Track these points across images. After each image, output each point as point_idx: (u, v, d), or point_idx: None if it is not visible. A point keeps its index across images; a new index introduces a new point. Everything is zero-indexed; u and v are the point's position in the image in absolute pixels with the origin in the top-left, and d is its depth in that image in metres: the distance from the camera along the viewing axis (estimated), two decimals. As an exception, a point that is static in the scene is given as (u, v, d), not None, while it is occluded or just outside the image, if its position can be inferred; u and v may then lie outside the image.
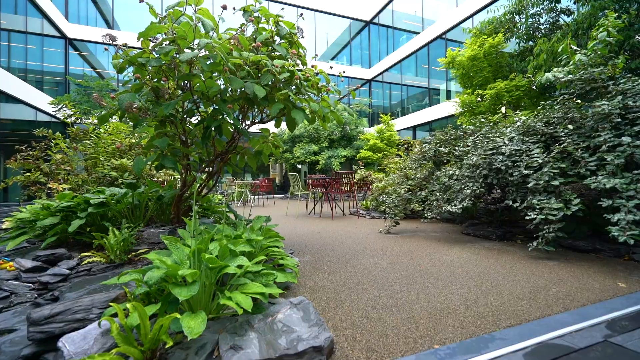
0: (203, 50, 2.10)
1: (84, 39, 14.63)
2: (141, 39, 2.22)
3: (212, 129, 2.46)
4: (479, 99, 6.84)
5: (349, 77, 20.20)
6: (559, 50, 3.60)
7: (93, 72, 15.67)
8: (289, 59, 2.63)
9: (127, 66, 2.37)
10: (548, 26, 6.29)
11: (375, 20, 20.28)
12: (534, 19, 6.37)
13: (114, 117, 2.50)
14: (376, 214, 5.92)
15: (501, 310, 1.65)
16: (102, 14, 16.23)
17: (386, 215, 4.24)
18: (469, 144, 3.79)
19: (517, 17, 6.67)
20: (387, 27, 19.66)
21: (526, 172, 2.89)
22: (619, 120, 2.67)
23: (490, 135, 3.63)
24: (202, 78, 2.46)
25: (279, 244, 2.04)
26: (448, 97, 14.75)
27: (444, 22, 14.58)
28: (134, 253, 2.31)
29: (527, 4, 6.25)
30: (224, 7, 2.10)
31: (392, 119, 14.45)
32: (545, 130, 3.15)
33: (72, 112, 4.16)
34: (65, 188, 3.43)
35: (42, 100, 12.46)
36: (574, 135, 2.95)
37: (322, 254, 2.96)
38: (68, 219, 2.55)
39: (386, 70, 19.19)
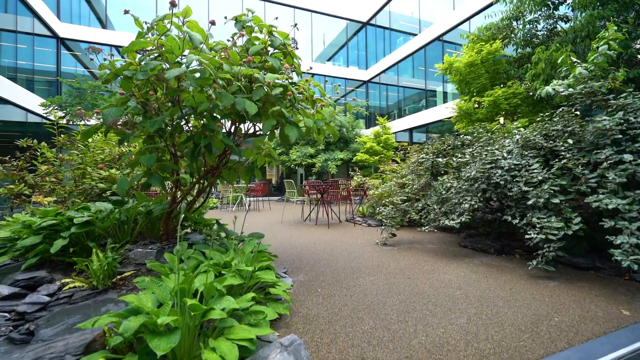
0: (194, 62, 2.00)
1: (76, 39, 14.35)
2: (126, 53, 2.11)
3: (202, 146, 2.36)
4: (476, 106, 6.78)
5: (345, 79, 20.10)
6: (559, 61, 3.54)
7: (86, 72, 15.41)
8: (283, 72, 2.53)
9: (112, 78, 2.26)
10: (546, 33, 6.24)
11: (372, 22, 20.18)
12: (531, 25, 6.31)
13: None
14: (372, 222, 5.84)
15: (503, 346, 1.58)
16: (95, 12, 15.94)
17: (383, 227, 4.16)
18: (467, 156, 3.73)
19: (514, 23, 6.60)
20: (384, 28, 19.58)
21: (525, 188, 2.83)
22: (620, 136, 2.62)
23: (489, 147, 3.56)
24: (191, 92, 2.36)
25: (270, 272, 1.94)
26: (445, 99, 14.73)
27: (441, 24, 14.53)
28: (119, 276, 2.20)
29: (524, 10, 6.19)
30: (212, 23, 1.99)
31: (388, 121, 14.39)
32: (545, 144, 3.08)
33: (57, 119, 4.00)
34: (50, 201, 3.30)
35: (33, 101, 12.20)
36: (573, 149, 2.89)
37: (316, 272, 2.87)
38: (51, 238, 2.43)
39: (383, 71, 19.12)
